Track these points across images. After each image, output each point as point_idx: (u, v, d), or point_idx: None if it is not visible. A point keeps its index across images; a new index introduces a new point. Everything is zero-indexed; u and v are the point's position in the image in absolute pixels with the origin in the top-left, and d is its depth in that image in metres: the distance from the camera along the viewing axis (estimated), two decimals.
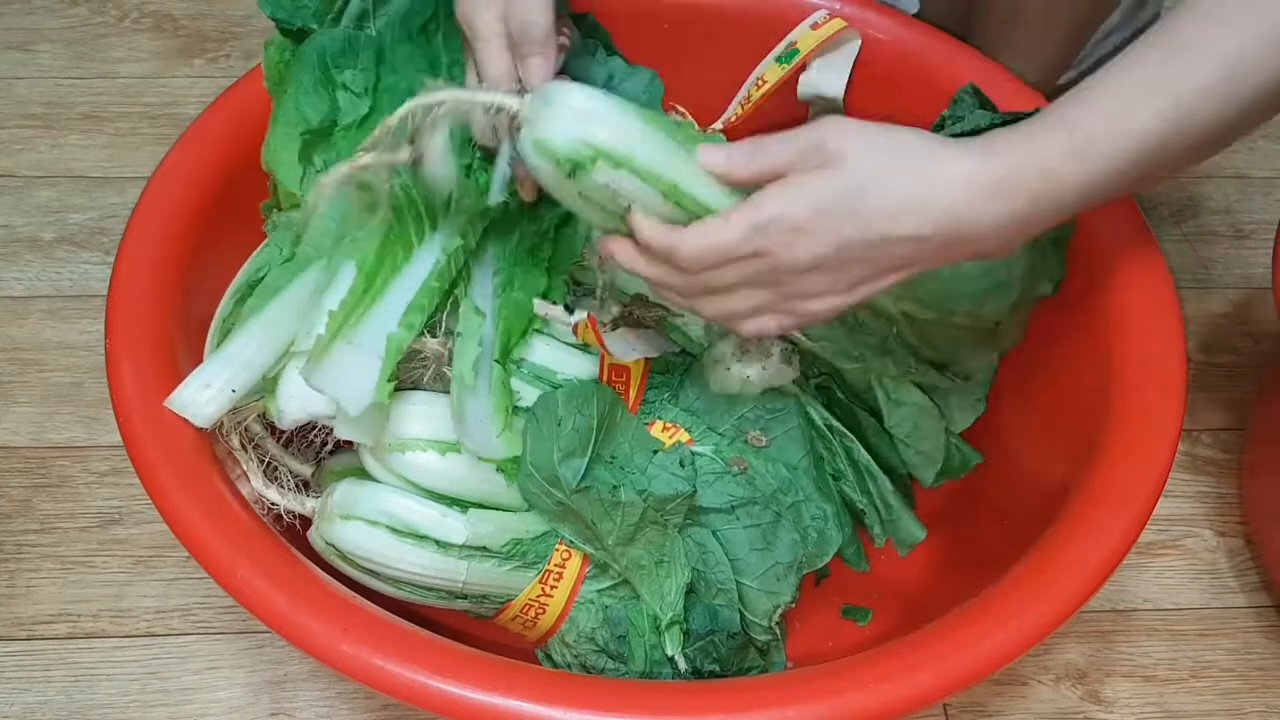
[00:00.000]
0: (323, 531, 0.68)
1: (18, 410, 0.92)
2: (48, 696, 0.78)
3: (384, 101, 0.73)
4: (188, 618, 0.82)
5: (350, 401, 0.62)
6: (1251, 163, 1.16)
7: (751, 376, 0.73)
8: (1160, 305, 0.71)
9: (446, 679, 0.55)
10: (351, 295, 0.65)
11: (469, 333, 0.67)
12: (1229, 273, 1.07)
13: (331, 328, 0.64)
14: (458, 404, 0.65)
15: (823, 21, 0.84)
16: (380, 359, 0.63)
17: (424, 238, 0.69)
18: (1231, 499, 0.92)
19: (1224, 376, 1.00)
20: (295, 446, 0.73)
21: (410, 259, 0.68)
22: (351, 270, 0.66)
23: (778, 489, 0.73)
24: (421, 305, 0.66)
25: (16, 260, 1.01)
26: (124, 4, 1.23)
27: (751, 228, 0.55)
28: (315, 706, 0.78)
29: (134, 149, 1.10)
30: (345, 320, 0.64)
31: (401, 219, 0.68)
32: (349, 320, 0.65)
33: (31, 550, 0.85)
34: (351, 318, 0.65)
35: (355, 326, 0.65)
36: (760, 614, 0.72)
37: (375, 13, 0.76)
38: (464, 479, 0.68)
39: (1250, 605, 0.87)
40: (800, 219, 0.54)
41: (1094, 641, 0.84)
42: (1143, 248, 0.73)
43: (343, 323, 0.64)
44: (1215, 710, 0.82)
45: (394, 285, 0.67)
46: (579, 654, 0.72)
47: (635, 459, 0.69)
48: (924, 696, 0.56)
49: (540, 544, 0.70)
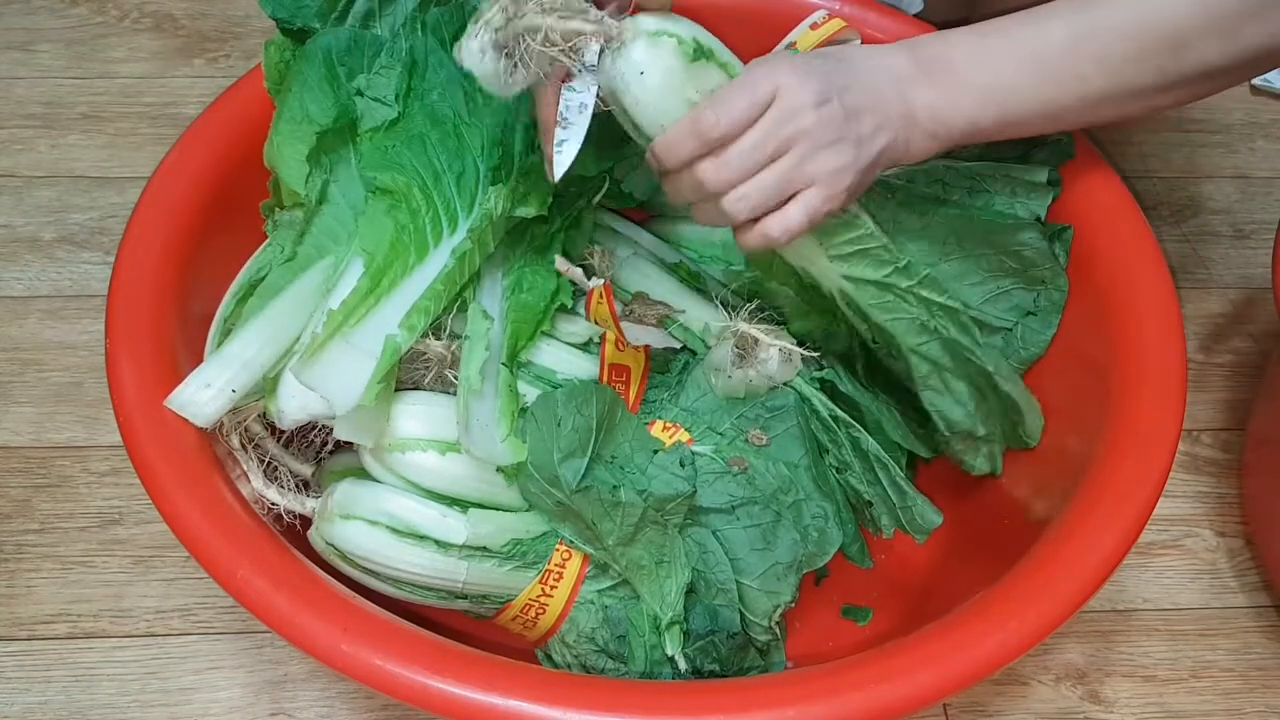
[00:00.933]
0: (323, 531, 0.68)
1: (18, 410, 0.92)
2: (48, 696, 0.78)
3: (415, 108, 0.73)
4: (188, 618, 0.82)
5: (337, 400, 0.62)
6: (1251, 163, 1.16)
7: (753, 380, 0.73)
8: (1160, 305, 0.71)
9: (446, 679, 0.55)
10: (354, 295, 0.65)
11: (477, 336, 0.67)
12: (1229, 273, 1.07)
13: (330, 326, 0.64)
14: (464, 409, 0.65)
15: (822, 21, 0.85)
16: (375, 359, 0.63)
17: (440, 240, 0.69)
18: (1231, 499, 0.92)
19: (1224, 376, 1.00)
20: (295, 446, 0.73)
21: (424, 261, 0.68)
22: (358, 269, 0.67)
23: (778, 488, 0.73)
24: (426, 308, 0.66)
25: (16, 260, 1.01)
26: (124, 4, 1.23)
27: (763, 80, 0.60)
28: (315, 706, 0.78)
29: (134, 149, 1.10)
30: (345, 319, 0.64)
31: (418, 219, 0.68)
32: (349, 320, 0.65)
33: (31, 550, 0.85)
34: (352, 317, 0.65)
35: (355, 326, 0.65)
36: (760, 614, 0.72)
37: (381, 12, 0.76)
38: (464, 479, 0.68)
39: (1250, 605, 0.87)
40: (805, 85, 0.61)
41: (1094, 641, 0.84)
42: (1143, 248, 0.74)
43: (342, 322, 0.64)
44: (1215, 710, 0.82)
45: (402, 286, 0.67)
46: (579, 654, 0.72)
47: (635, 459, 0.69)
48: (924, 696, 0.56)
49: (540, 544, 0.70)
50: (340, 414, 0.63)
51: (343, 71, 0.74)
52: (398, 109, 0.72)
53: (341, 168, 0.72)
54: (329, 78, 0.74)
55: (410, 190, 0.69)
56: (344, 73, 0.74)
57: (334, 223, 0.71)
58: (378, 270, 0.66)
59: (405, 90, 0.73)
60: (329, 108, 0.73)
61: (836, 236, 0.68)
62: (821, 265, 0.70)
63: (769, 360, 0.72)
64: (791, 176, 0.61)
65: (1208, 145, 1.17)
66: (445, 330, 0.69)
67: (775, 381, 0.74)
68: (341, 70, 0.74)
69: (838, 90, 0.62)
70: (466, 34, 0.58)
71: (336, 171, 0.72)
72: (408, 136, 0.72)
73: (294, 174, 0.73)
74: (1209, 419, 0.97)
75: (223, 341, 0.69)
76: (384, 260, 0.67)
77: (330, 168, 0.72)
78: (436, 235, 0.69)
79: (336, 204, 0.71)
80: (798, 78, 0.61)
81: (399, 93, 0.72)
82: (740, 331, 0.72)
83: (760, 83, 0.60)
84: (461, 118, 0.73)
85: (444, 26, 0.74)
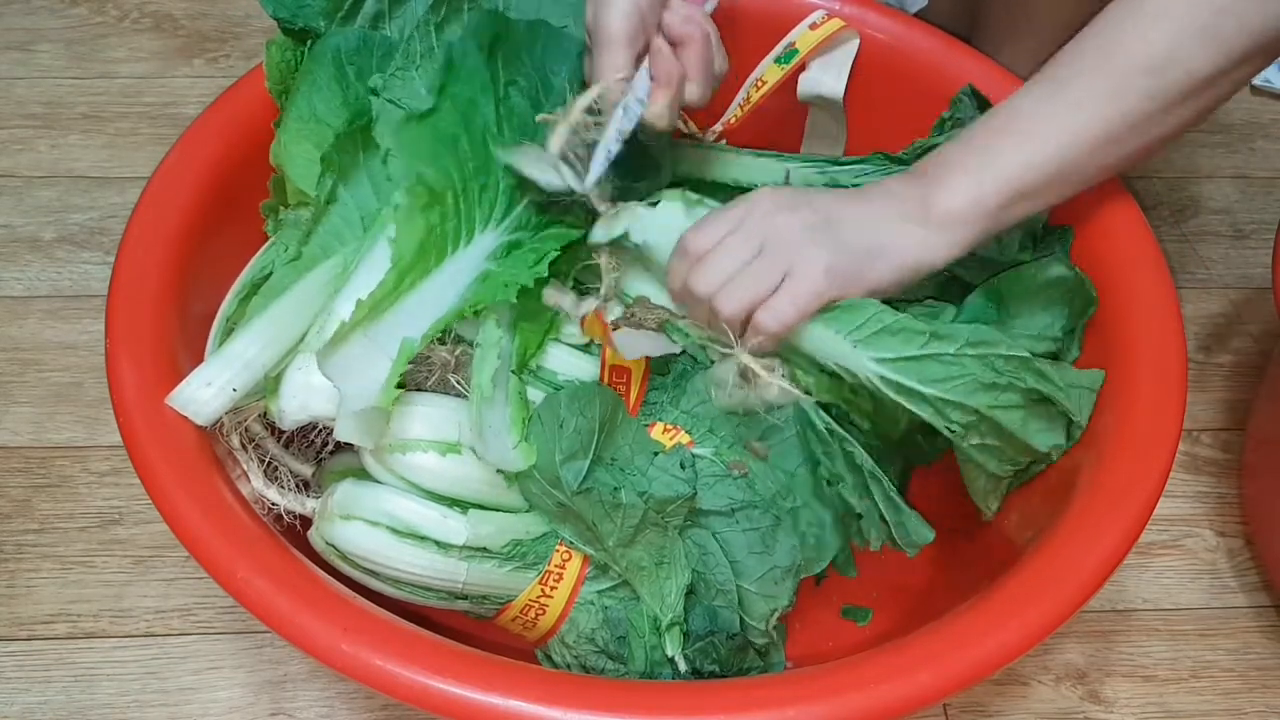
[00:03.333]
0: (323, 531, 0.68)
1: (18, 410, 0.92)
2: (48, 696, 0.78)
3: (447, 106, 0.72)
4: (188, 618, 0.82)
5: (353, 397, 0.62)
6: (1251, 163, 1.16)
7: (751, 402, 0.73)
8: (1160, 305, 0.71)
9: (447, 679, 0.55)
10: (382, 288, 0.65)
11: (489, 344, 0.67)
12: (1229, 273, 1.07)
13: (358, 316, 0.63)
14: (477, 416, 0.65)
15: (821, 21, 0.84)
16: (391, 359, 0.63)
17: (458, 248, 0.69)
18: (1231, 499, 0.92)
19: (1224, 376, 1.00)
20: (295, 446, 0.73)
21: (440, 267, 0.68)
22: (382, 263, 0.66)
23: (777, 493, 0.73)
24: (446, 319, 0.66)
25: (16, 260, 1.01)
26: (124, 4, 1.23)
27: (738, 205, 0.67)
28: (315, 706, 0.78)
29: (134, 149, 1.10)
30: (371, 312, 0.64)
31: (446, 224, 0.68)
32: (374, 313, 0.64)
33: (31, 550, 0.85)
34: (378, 309, 0.65)
35: (377, 321, 0.65)
36: (757, 617, 0.72)
37: (391, 14, 0.76)
38: (464, 480, 0.68)
39: (1250, 605, 0.87)
40: (774, 198, 0.67)
41: (1094, 641, 0.84)
42: (1143, 248, 0.74)
43: (368, 314, 0.64)
44: (1215, 710, 0.82)
45: (421, 288, 0.67)
46: (579, 655, 0.72)
47: (636, 461, 0.69)
48: (924, 696, 0.56)
49: (540, 545, 0.70)
50: (353, 411, 0.63)
51: (351, 71, 0.74)
52: (433, 100, 0.71)
53: (352, 169, 0.72)
54: (338, 77, 0.74)
55: (445, 193, 0.69)
56: (353, 72, 0.74)
57: (341, 223, 0.71)
58: (404, 268, 0.66)
59: (440, 87, 0.72)
60: (337, 107, 0.73)
61: (851, 321, 0.66)
62: (846, 353, 0.67)
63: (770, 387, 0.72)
64: (770, 266, 0.65)
65: (1208, 145, 1.17)
66: (450, 335, 0.69)
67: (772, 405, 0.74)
68: (350, 69, 0.74)
69: (807, 201, 0.67)
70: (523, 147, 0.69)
71: (346, 172, 0.71)
72: (440, 134, 0.71)
73: (302, 173, 0.73)
74: (1209, 419, 0.97)
75: (225, 340, 0.69)
76: (411, 260, 0.66)
77: (342, 168, 0.72)
78: (456, 243, 0.69)
79: (345, 205, 0.71)
80: (770, 193, 0.68)
81: (432, 87, 0.72)
82: (742, 364, 0.72)
83: (736, 205, 0.67)
84: (490, 130, 0.73)
85: (483, 31, 0.74)
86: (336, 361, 0.62)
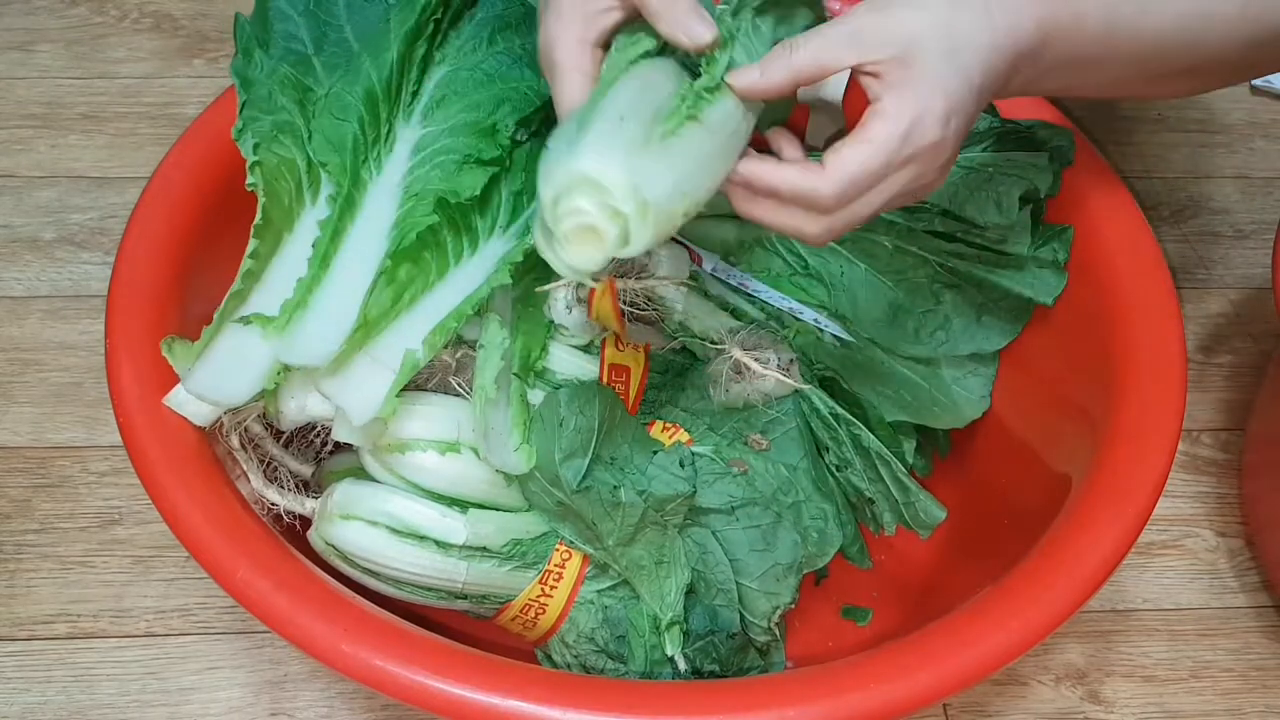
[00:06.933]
0: (323, 531, 0.68)
1: (18, 410, 0.92)
2: (48, 696, 0.78)
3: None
4: (188, 618, 0.82)
5: (357, 412, 0.62)
6: (1251, 163, 1.16)
7: (750, 396, 0.73)
8: (1160, 305, 0.71)
9: (446, 679, 0.55)
10: (377, 308, 0.65)
11: (492, 346, 0.67)
12: (1229, 273, 1.07)
13: (354, 341, 0.63)
14: (481, 418, 0.65)
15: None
16: (394, 373, 0.63)
17: (460, 259, 0.69)
18: (1231, 499, 0.92)
19: (1224, 376, 1.00)
20: (295, 446, 0.73)
21: (444, 278, 0.68)
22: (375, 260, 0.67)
23: (777, 489, 0.73)
24: (449, 327, 0.66)
25: (16, 260, 1.01)
26: (124, 4, 1.22)
27: (900, 138, 0.51)
28: (315, 706, 0.78)
29: (134, 149, 1.10)
30: (368, 336, 0.64)
31: (440, 237, 0.68)
32: (371, 334, 0.64)
33: (31, 550, 0.85)
34: (374, 331, 0.65)
35: (376, 339, 0.64)
36: (760, 615, 0.72)
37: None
38: (464, 479, 0.68)
39: (1250, 605, 0.87)
40: (945, 105, 0.51)
41: (1094, 641, 0.84)
42: (1143, 248, 0.74)
43: (365, 336, 0.64)
44: (1215, 710, 0.82)
45: (423, 300, 0.67)
46: (579, 654, 0.72)
47: (635, 459, 0.69)
48: (924, 696, 0.56)
49: (540, 544, 0.70)
50: (358, 424, 0.63)
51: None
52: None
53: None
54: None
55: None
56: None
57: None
58: (401, 283, 0.66)
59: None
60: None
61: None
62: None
63: (765, 379, 0.72)
64: (899, 199, 0.55)
65: (1208, 145, 1.17)
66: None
67: (771, 398, 0.74)
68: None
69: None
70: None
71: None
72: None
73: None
74: (1209, 419, 0.97)
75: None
76: (407, 276, 0.66)
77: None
78: (458, 252, 0.69)
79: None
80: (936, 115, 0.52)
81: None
82: (735, 359, 0.72)
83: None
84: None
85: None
86: (337, 385, 0.62)
